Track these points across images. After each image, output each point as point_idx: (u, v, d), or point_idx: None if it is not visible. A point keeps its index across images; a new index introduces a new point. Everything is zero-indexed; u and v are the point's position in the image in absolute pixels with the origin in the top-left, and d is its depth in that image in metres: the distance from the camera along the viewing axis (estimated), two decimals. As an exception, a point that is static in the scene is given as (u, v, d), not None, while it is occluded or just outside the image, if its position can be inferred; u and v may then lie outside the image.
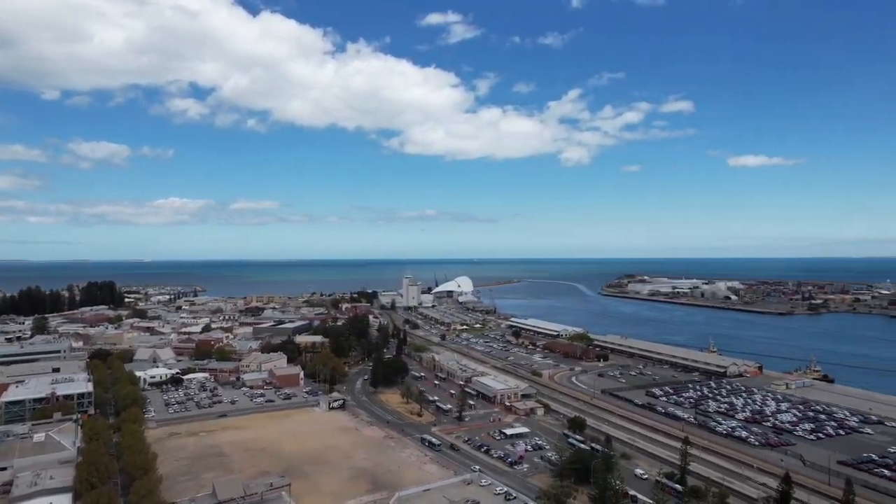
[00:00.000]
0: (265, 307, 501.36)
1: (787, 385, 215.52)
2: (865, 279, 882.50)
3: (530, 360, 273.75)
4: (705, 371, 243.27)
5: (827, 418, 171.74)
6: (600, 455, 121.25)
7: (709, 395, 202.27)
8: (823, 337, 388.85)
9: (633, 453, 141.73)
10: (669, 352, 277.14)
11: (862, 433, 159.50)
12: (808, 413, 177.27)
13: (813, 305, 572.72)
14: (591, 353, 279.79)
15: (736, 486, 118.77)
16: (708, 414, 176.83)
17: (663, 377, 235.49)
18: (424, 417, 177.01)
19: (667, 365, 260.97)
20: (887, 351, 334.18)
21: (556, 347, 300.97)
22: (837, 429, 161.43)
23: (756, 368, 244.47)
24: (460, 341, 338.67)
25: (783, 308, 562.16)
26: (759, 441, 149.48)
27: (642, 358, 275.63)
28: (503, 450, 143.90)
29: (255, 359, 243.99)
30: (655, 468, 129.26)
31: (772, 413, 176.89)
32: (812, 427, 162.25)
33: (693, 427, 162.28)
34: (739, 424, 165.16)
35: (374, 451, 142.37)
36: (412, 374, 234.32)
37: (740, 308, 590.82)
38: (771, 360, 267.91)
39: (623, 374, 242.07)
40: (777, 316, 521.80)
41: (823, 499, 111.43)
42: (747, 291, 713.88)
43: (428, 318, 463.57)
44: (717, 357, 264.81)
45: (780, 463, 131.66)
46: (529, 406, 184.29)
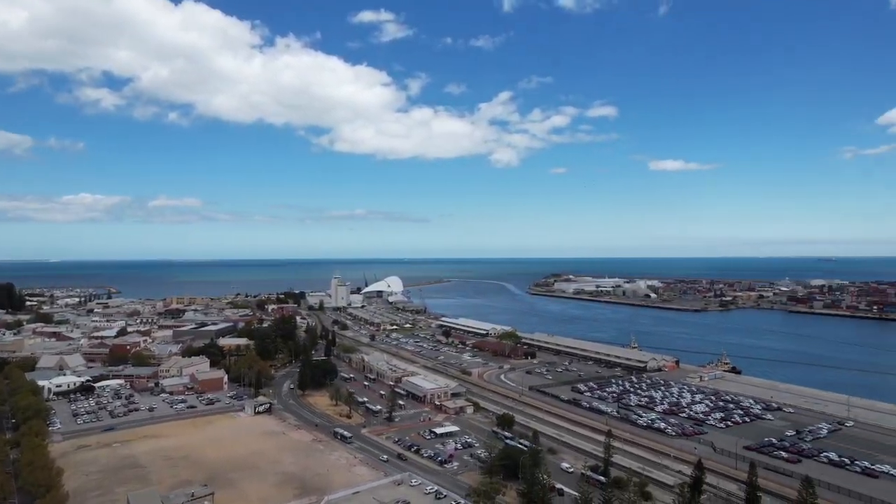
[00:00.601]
0: (186, 309, 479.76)
1: (700, 378, 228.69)
2: (768, 277, 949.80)
3: (460, 360, 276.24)
4: (627, 366, 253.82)
5: (735, 407, 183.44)
6: (528, 451, 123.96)
7: (630, 389, 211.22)
8: (733, 332, 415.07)
9: (560, 448, 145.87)
10: (594, 348, 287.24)
11: (764, 419, 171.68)
12: (719, 403, 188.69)
13: (724, 302, 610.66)
14: (519, 351, 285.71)
15: (655, 475, 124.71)
16: (629, 407, 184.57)
17: (588, 373, 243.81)
18: (354, 419, 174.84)
19: (591, 361, 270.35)
20: (786, 343, 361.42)
21: (486, 346, 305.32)
22: (744, 416, 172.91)
23: (673, 363, 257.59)
24: (390, 341, 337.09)
25: (698, 305, 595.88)
26: (675, 431, 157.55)
27: (568, 355, 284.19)
28: (433, 449, 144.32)
29: (175, 363, 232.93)
30: (581, 461, 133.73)
31: (687, 404, 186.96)
32: (722, 416, 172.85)
33: (616, 420, 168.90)
34: (658, 416, 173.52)
35: (301, 454, 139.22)
36: (341, 376, 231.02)
37: (659, 305, 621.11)
38: (687, 355, 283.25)
39: (550, 370, 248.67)
40: (692, 312, 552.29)
41: (731, 482, 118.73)
42: (665, 290, 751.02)
43: (357, 318, 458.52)
44: (637, 353, 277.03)
45: (694, 451, 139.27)
46: (459, 405, 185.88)
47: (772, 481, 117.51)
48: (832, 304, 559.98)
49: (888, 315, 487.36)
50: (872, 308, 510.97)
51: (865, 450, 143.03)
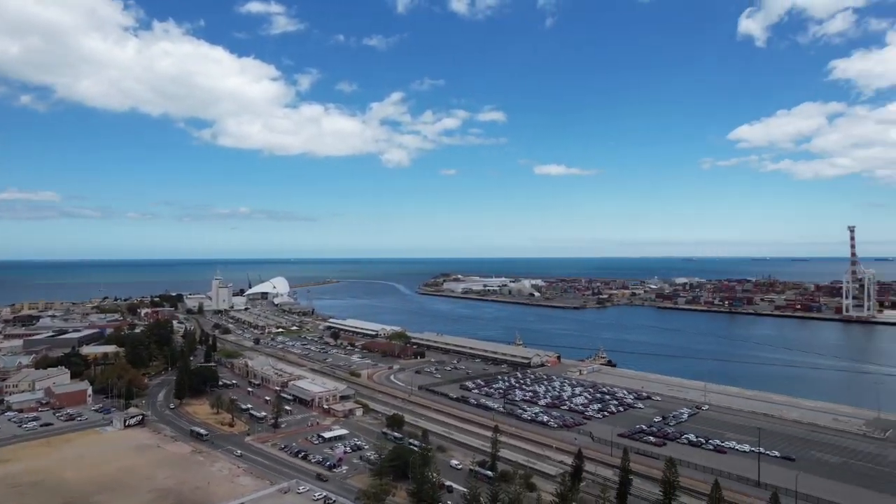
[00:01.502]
0: (41, 315, 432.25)
1: (580, 372, 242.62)
2: (640, 276, 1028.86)
3: (349, 361, 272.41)
4: (512, 363, 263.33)
5: (611, 398, 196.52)
6: (418, 450, 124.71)
7: (516, 385, 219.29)
8: (609, 327, 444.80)
9: (449, 445, 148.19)
10: (481, 346, 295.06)
11: (636, 408, 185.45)
12: (597, 395, 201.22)
13: (601, 300, 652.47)
14: (408, 351, 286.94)
15: (539, 467, 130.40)
16: (515, 402, 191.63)
17: (476, 371, 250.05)
18: (237, 427, 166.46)
19: (479, 359, 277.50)
20: (655, 337, 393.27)
21: (375, 347, 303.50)
22: (618, 406, 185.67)
23: (555, 358, 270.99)
24: (276, 345, 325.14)
25: (577, 303, 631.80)
26: (557, 423, 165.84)
27: (457, 353, 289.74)
28: (322, 454, 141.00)
29: (25, 376, 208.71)
30: (469, 457, 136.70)
31: (568, 397, 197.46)
32: (600, 407, 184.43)
33: (502, 415, 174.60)
34: (542, 410, 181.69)
35: (179, 468, 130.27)
36: (223, 382, 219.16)
37: (542, 304, 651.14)
38: (568, 350, 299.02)
39: (439, 369, 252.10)
40: (572, 310, 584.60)
41: (608, 468, 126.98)
42: (548, 288, 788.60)
43: (240, 321, 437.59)
44: (522, 349, 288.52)
45: (574, 441, 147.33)
46: (348, 407, 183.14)
47: (642, 464, 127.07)
48: (693, 300, 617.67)
49: (736, 309, 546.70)
50: (724, 303, 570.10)
51: (717, 430, 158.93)
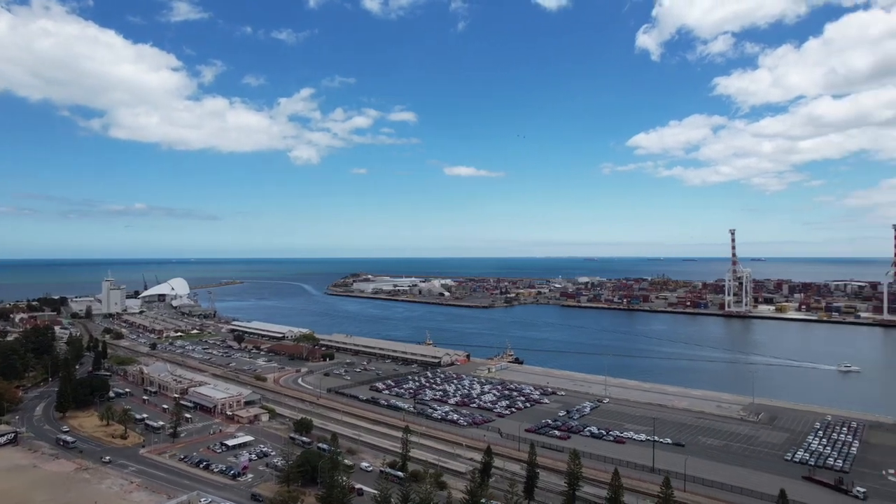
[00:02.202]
0: None
1: (489, 370, 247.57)
2: (545, 275, 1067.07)
3: (254, 365, 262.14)
4: (423, 363, 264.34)
5: (518, 394, 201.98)
6: (327, 454, 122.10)
7: (426, 384, 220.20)
8: (516, 325, 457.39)
9: (360, 448, 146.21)
10: (391, 347, 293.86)
11: (542, 403, 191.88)
12: (505, 392, 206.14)
13: (508, 299, 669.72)
14: (317, 353, 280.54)
15: (450, 465, 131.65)
16: (425, 402, 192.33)
17: (386, 371, 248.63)
18: (131, 439, 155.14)
19: (389, 359, 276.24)
20: (560, 334, 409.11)
21: (282, 349, 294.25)
22: (525, 402, 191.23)
23: (465, 357, 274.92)
24: (174, 349, 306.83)
25: (486, 302, 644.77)
26: (467, 421, 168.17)
27: (367, 354, 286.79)
28: (225, 462, 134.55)
29: None
30: (380, 459, 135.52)
31: (477, 395, 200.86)
32: (508, 403, 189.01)
33: (413, 416, 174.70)
34: (452, 408, 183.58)
35: (61, 489, 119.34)
36: (115, 392, 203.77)
37: (452, 303, 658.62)
38: (477, 349, 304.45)
39: (348, 371, 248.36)
40: (481, 309, 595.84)
41: (515, 463, 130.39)
42: (458, 288, 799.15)
43: (135, 325, 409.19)
44: (432, 349, 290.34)
45: (483, 438, 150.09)
46: (254, 413, 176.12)
47: (548, 458, 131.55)
48: (594, 298, 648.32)
49: (634, 306, 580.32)
50: (623, 301, 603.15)
51: (617, 421, 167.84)
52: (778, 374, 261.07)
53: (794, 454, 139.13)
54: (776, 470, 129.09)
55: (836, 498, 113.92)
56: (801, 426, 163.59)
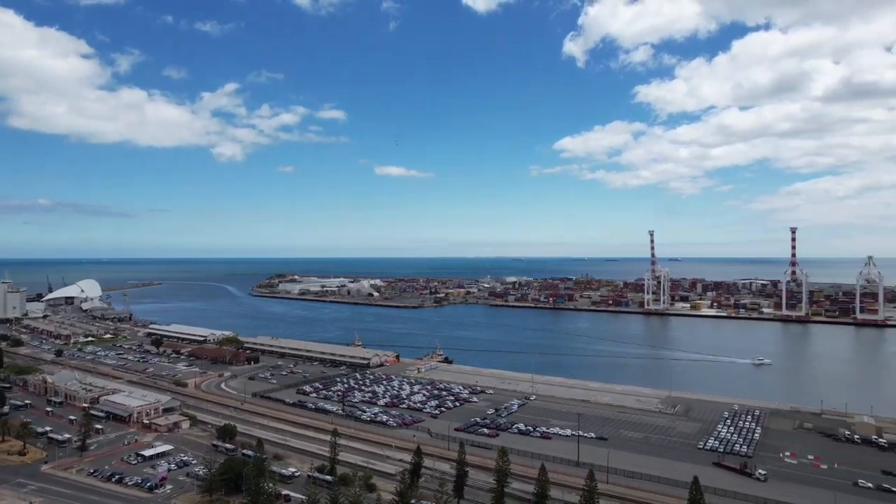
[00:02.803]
0: None
1: (418, 370, 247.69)
2: (474, 275, 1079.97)
3: (174, 370, 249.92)
4: (351, 364, 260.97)
5: (448, 394, 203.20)
6: (252, 461, 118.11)
7: (355, 386, 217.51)
8: (446, 325, 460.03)
9: (287, 453, 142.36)
10: (319, 349, 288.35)
11: (471, 402, 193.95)
12: (434, 392, 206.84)
13: (438, 299, 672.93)
14: (241, 357, 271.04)
15: (379, 467, 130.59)
16: (354, 404, 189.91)
17: (314, 374, 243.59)
18: (31, 455, 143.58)
19: (317, 361, 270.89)
20: (488, 333, 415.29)
21: (204, 353, 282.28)
22: (455, 402, 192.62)
23: (394, 357, 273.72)
24: (84, 356, 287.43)
25: (415, 302, 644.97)
26: (397, 422, 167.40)
27: (293, 357, 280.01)
28: (141, 475, 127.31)
29: None
30: (308, 464, 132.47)
31: (407, 396, 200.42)
32: (437, 403, 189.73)
33: (341, 418, 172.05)
34: (381, 410, 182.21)
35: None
36: (12, 404, 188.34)
37: (381, 303, 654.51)
38: (406, 350, 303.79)
39: (274, 374, 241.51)
40: (411, 309, 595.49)
41: (445, 462, 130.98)
42: (387, 288, 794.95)
43: (37, 331, 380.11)
44: (361, 350, 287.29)
45: (413, 439, 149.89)
46: (173, 420, 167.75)
47: (477, 456, 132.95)
48: (521, 297, 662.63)
49: (559, 305, 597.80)
50: (549, 300, 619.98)
51: (544, 417, 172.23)
52: (695, 368, 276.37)
53: (706, 442, 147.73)
54: (690, 458, 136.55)
55: (741, 481, 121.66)
56: (712, 416, 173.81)
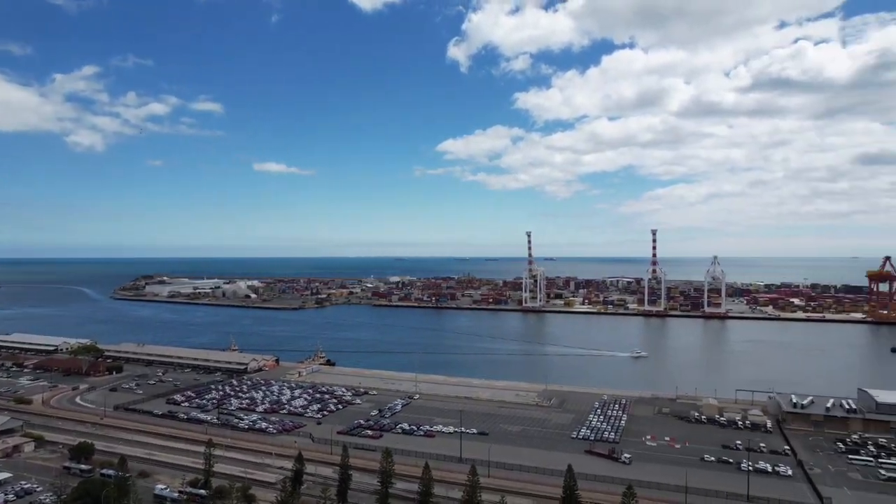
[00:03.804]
0: None
1: (299, 373, 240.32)
2: (357, 275, 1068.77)
3: (15, 385, 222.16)
4: (227, 370, 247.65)
5: (330, 397, 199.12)
6: (113, 480, 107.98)
7: (231, 393, 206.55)
8: (328, 327, 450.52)
9: (155, 469, 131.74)
10: (191, 355, 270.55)
11: (354, 404, 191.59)
12: (317, 395, 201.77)
13: (320, 300, 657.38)
14: (100, 367, 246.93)
15: (258, 476, 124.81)
16: (231, 412, 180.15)
17: (186, 381, 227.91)
18: None
19: (189, 368, 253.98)
20: (372, 333, 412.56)
21: (54, 365, 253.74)
22: (338, 404, 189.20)
23: (274, 361, 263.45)
24: None
25: (296, 303, 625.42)
26: (277, 429, 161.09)
27: (162, 364, 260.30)
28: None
29: None
30: (179, 479, 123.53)
31: (287, 401, 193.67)
32: (319, 407, 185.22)
33: (217, 428, 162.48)
34: (260, 416, 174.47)
35: None
36: None
37: (259, 305, 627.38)
38: (287, 353, 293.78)
39: (140, 384, 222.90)
40: (291, 311, 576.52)
41: (328, 467, 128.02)
42: (266, 289, 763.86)
43: None
44: (238, 355, 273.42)
45: (294, 444, 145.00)
46: (12, 443, 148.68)
47: (361, 458, 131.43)
48: (405, 297, 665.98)
49: (442, 304, 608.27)
50: (432, 299, 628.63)
51: (427, 416, 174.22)
52: (573, 362, 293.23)
53: (579, 432, 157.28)
54: (565, 447, 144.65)
55: (609, 465, 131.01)
56: (585, 407, 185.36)
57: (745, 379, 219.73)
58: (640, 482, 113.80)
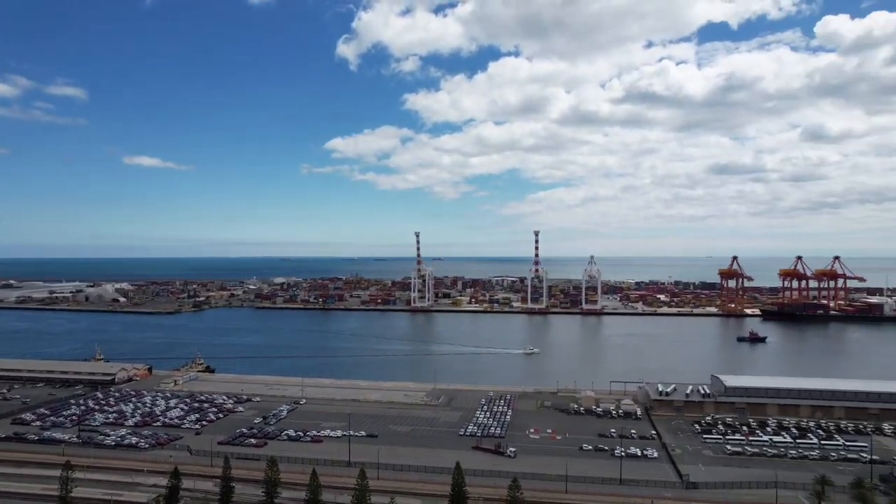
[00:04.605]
0: None
1: (175, 382, 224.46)
2: (239, 276, 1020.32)
3: None
4: (91, 382, 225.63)
5: (210, 406, 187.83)
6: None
7: (96, 407, 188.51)
8: (207, 331, 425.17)
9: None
10: (46, 367, 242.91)
11: (237, 412, 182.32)
12: (195, 405, 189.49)
13: (197, 303, 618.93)
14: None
15: (126, 497, 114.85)
16: (95, 428, 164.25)
17: (38, 398, 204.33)
18: None
19: (43, 383, 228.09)
20: (255, 338, 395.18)
21: None
22: (218, 413, 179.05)
23: (146, 370, 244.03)
24: None
25: (171, 307, 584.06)
26: (149, 443, 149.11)
27: (8, 380, 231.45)
28: None
29: None
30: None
31: (162, 412, 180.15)
32: (198, 417, 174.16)
33: (77, 447, 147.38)
34: (129, 431, 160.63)
35: None
36: None
37: (129, 310, 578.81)
38: (161, 361, 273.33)
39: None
40: (166, 315, 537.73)
41: (208, 480, 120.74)
42: (137, 292, 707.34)
43: None
44: (104, 365, 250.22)
45: (170, 459, 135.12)
46: None
47: (244, 469, 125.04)
48: (290, 299, 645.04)
49: (329, 305, 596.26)
50: (319, 300, 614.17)
51: (314, 421, 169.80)
52: (463, 360, 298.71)
53: (466, 429, 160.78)
54: (453, 445, 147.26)
55: (496, 460, 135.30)
56: (472, 404, 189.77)
57: (618, 371, 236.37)
58: (525, 474, 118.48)
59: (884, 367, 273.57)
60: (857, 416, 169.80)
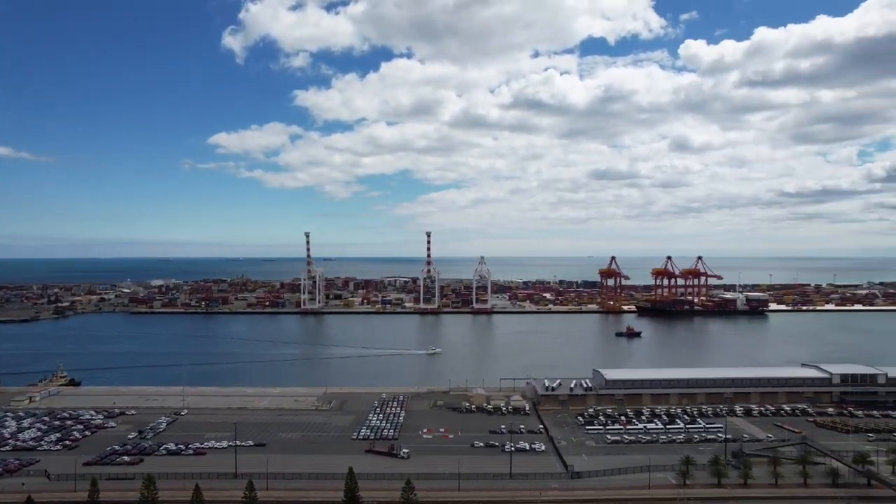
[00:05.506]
0: None
1: (31, 399, 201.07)
2: (110, 279, 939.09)
3: None
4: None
5: (74, 423, 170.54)
6: None
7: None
8: (72, 340, 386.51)
9: None
10: None
11: (107, 428, 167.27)
12: (55, 423, 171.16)
13: (60, 308, 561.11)
14: None
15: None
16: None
17: None
18: None
19: None
20: (130, 346, 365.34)
21: None
22: (84, 431, 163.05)
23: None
24: None
25: (27, 314, 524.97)
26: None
27: None
28: None
29: None
30: None
31: (12, 434, 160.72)
32: (59, 436, 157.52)
33: None
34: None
35: None
36: None
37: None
38: (13, 376, 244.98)
39: None
40: (20, 323, 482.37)
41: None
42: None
43: None
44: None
45: (22, 488, 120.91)
46: None
47: (116, 490, 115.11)
48: (170, 302, 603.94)
49: (213, 309, 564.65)
50: (202, 304, 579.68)
51: (197, 432, 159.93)
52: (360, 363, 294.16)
53: (359, 432, 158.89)
54: (345, 449, 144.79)
55: (389, 462, 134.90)
56: (365, 407, 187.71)
57: (508, 368, 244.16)
58: (419, 475, 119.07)
59: (737, 354, 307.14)
60: (715, 401, 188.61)
